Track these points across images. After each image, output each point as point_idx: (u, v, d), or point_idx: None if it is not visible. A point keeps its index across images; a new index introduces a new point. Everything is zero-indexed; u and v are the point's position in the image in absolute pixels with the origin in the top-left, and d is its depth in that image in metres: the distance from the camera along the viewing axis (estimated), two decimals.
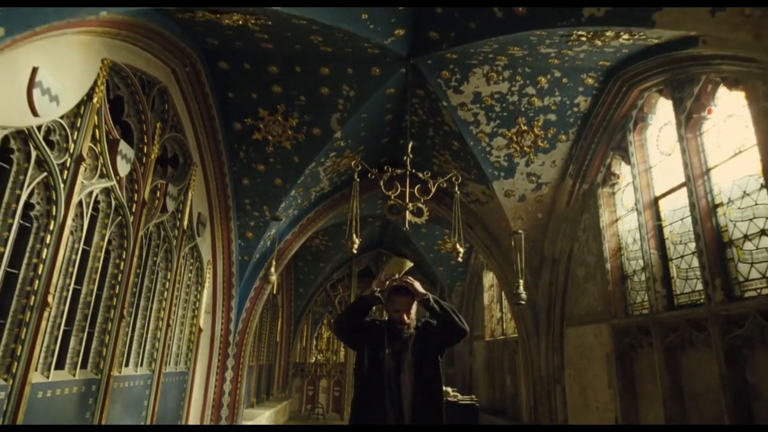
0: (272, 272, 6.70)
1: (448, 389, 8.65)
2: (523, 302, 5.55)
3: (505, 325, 10.72)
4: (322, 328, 16.18)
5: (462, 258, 4.88)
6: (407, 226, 4.77)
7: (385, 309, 3.07)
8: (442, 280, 13.40)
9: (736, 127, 4.73)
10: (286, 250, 9.01)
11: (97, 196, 4.74)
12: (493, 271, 9.99)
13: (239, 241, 8.17)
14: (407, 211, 4.72)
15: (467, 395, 10.80)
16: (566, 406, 7.32)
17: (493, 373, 11.03)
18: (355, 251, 4.61)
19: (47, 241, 3.90)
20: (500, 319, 11.05)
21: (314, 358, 15.74)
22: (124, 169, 5.02)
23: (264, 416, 10.16)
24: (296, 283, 14.21)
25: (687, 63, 4.97)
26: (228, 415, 8.03)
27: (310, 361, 15.43)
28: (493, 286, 11.83)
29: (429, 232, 11.84)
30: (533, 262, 7.76)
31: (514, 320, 8.95)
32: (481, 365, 11.90)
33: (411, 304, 2.93)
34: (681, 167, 5.25)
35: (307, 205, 8.85)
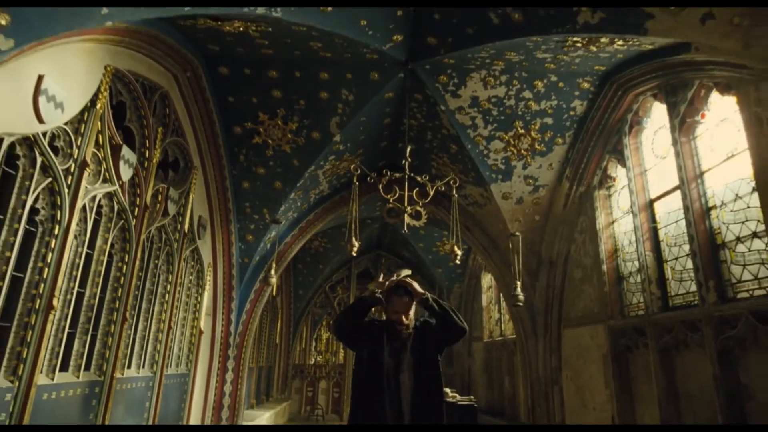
0: (272, 274, 6.79)
1: (447, 390, 8.72)
2: (521, 304, 5.63)
3: (503, 326, 10.75)
4: (321, 330, 16.21)
5: (460, 260, 4.95)
6: (406, 229, 4.84)
7: (384, 310, 3.08)
8: (440, 282, 13.47)
9: (729, 132, 4.81)
10: (286, 253, 9.08)
11: (100, 200, 4.81)
12: (491, 273, 10.06)
13: (239, 244, 8.24)
14: (406, 215, 4.79)
15: (466, 396, 10.89)
16: (564, 406, 7.37)
17: (492, 374, 11.07)
18: (354, 254, 4.67)
19: (52, 246, 3.97)
20: (498, 320, 11.09)
21: (313, 360, 15.77)
22: (126, 173, 5.09)
23: (264, 417, 10.21)
24: (295, 285, 14.26)
25: (680, 68, 5.06)
26: (228, 417, 8.09)
27: (310, 363, 15.47)
28: (492, 287, 11.87)
29: (427, 234, 11.91)
30: (531, 264, 7.83)
31: (512, 322, 9.01)
32: (480, 366, 11.94)
33: (410, 305, 2.97)
34: (675, 170, 5.33)
35: (307, 208, 8.93)
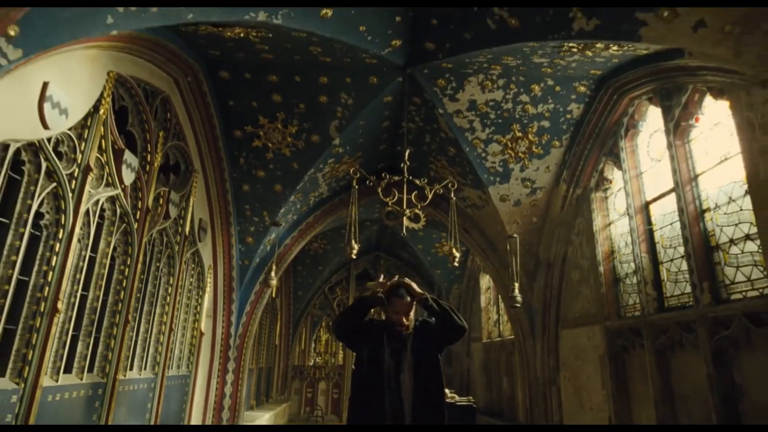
0: (272, 276, 6.85)
1: (446, 390, 8.77)
2: (519, 305, 5.70)
3: (501, 327, 10.81)
4: (321, 331, 16.27)
5: (458, 263, 5.01)
6: (405, 232, 4.91)
7: (384, 310, 3.10)
8: (439, 283, 13.54)
9: (722, 135, 4.89)
10: (286, 255, 9.15)
11: (103, 204, 4.87)
12: (490, 274, 10.13)
13: (239, 246, 8.30)
14: (405, 218, 4.85)
15: (464, 396, 10.97)
16: (561, 407, 7.43)
17: (490, 375, 11.12)
18: (354, 257, 4.74)
19: (56, 249, 4.04)
20: (497, 321, 11.15)
21: (313, 361, 15.83)
22: (128, 177, 5.15)
23: (264, 418, 10.27)
24: (295, 287, 14.32)
25: (674, 73, 5.14)
26: (229, 418, 8.15)
27: (309, 364, 15.53)
28: (490, 288, 11.93)
29: (426, 236, 11.97)
30: (528, 265, 7.91)
31: (510, 322, 9.07)
32: (479, 367, 12.00)
33: (411, 306, 2.99)
34: (670, 173, 5.41)
35: (306, 210, 8.99)
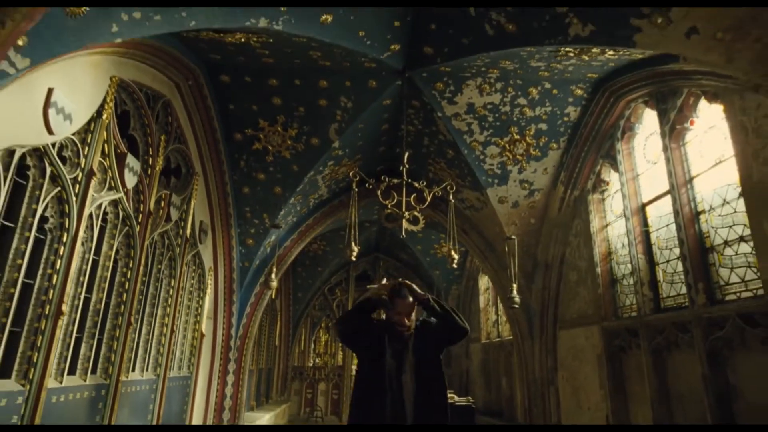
0: (273, 278, 6.90)
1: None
2: (517, 306, 5.76)
3: (500, 328, 10.87)
4: (320, 332, 16.33)
5: (457, 264, 5.07)
6: (404, 234, 4.97)
7: (385, 311, 3.11)
8: (438, 284, 13.60)
9: (717, 138, 4.96)
10: (286, 256, 9.20)
11: (106, 207, 4.93)
12: (488, 275, 10.18)
13: (240, 248, 8.36)
14: (404, 220, 4.91)
15: (464, 397, 11.03)
16: (559, 407, 7.50)
17: (489, 375, 11.18)
18: (353, 259, 4.80)
19: (61, 253, 4.09)
20: (496, 321, 11.21)
21: (312, 362, 15.89)
22: (131, 181, 5.21)
23: (264, 419, 10.33)
24: (295, 288, 14.37)
25: (670, 77, 5.22)
26: (229, 419, 8.21)
27: (309, 365, 15.59)
28: (489, 289, 11.99)
29: (425, 237, 12.03)
30: (526, 266, 7.97)
31: (509, 323, 9.14)
32: (478, 367, 12.07)
33: (413, 307, 3.01)
34: (666, 175, 5.49)
35: (306, 212, 9.06)
